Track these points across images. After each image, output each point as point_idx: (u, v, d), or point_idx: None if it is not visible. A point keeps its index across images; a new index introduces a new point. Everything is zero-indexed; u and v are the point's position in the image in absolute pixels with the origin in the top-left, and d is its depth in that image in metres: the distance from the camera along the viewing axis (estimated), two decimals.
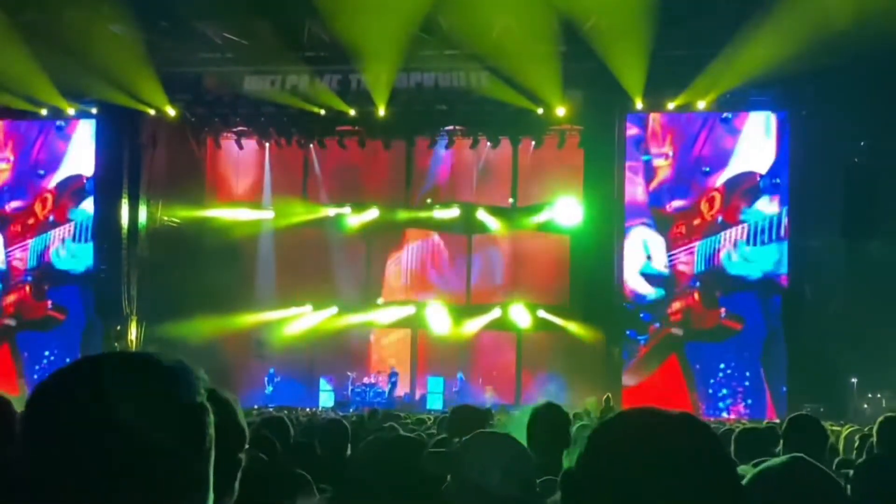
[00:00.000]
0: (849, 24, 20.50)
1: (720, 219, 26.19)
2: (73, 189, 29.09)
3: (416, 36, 26.47)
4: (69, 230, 29.01)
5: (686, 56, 24.96)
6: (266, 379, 29.87)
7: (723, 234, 26.12)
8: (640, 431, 1.91)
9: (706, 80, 25.21)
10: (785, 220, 25.90)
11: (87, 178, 28.94)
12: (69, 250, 28.97)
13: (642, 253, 26.48)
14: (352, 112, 28.17)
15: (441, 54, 27.10)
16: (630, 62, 24.89)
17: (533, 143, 29.52)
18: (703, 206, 26.27)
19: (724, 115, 26.32)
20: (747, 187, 26.12)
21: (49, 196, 29.23)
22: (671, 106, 26.26)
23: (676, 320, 26.39)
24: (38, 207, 29.21)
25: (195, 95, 28.80)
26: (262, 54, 27.37)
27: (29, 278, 29.27)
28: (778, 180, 25.99)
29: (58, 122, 29.12)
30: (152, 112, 28.18)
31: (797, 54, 22.81)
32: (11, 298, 29.26)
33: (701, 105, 26.06)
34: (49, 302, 29.05)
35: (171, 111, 28.37)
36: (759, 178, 26.07)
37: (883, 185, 24.72)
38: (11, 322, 29.10)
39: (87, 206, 28.92)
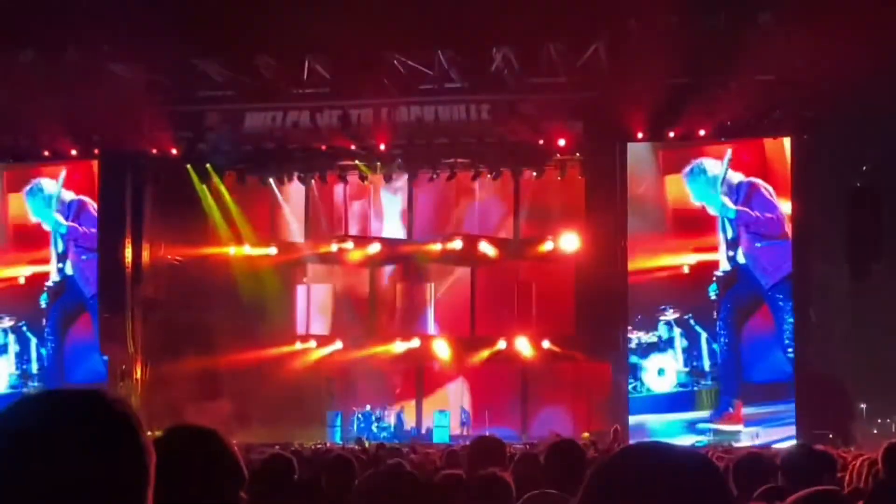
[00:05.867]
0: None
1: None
2: None
3: (416, 69, 26.60)
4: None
5: (686, 84, 25.01)
6: (353, 419, 29.63)
7: None
8: (642, 470, 1.86)
9: (707, 108, 25.22)
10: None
11: None
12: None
13: None
14: (353, 147, 28.22)
15: (441, 87, 27.20)
16: (630, 91, 24.93)
17: (534, 173, 29.53)
18: None
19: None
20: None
21: None
22: (671, 135, 26.25)
23: None
24: None
25: (197, 133, 28.87)
26: (262, 91, 27.50)
27: None
28: None
29: None
30: (154, 151, 28.24)
31: (798, 80, 22.88)
32: None
33: (702, 133, 26.06)
34: None
35: (173, 149, 28.43)
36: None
37: (887, 209, 24.70)
38: None
39: None
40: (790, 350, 25.10)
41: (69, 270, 28.73)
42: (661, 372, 25.79)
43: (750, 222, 25.60)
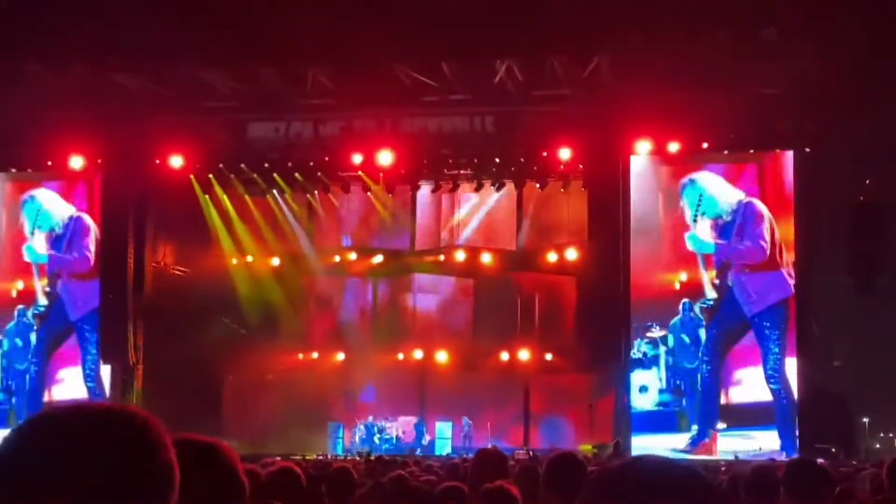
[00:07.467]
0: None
1: None
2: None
3: (420, 81, 26.61)
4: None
5: (689, 97, 25.03)
6: (355, 430, 29.63)
7: None
8: (640, 486, 1.86)
9: (710, 121, 25.22)
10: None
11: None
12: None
13: None
14: (356, 158, 28.22)
15: (445, 99, 27.21)
16: (633, 104, 24.94)
17: (537, 185, 29.54)
18: None
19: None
20: None
21: None
22: (675, 148, 26.22)
23: None
24: None
25: (200, 143, 28.86)
26: (266, 102, 27.52)
27: None
28: None
29: None
30: (158, 161, 28.25)
31: (801, 93, 22.86)
32: None
33: (705, 145, 26.05)
34: None
35: (176, 159, 28.43)
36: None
37: (888, 223, 24.69)
38: None
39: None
40: (774, 378, 24.84)
41: (58, 290, 28.62)
42: (644, 389, 25.67)
43: (733, 253, 25.49)
